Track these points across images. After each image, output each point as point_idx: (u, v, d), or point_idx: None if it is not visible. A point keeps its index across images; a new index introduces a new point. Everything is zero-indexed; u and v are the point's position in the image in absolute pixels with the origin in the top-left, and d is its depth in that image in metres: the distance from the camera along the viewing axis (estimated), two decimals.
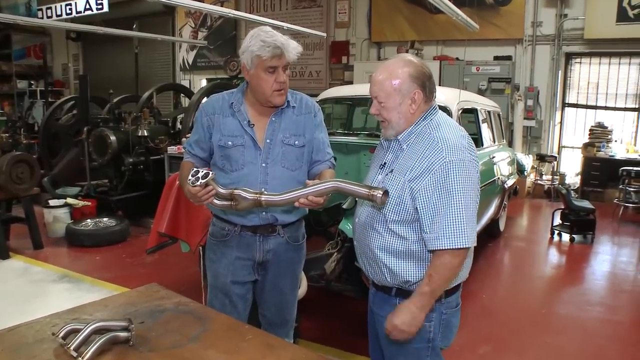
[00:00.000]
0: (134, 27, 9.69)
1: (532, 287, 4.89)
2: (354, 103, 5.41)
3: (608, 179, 8.05)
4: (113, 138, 6.36)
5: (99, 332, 1.61)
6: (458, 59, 9.07)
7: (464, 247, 1.75)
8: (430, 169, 1.76)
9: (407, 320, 1.78)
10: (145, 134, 6.49)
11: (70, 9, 6.94)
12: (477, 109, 5.08)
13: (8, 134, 8.32)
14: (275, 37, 2.08)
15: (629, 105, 8.64)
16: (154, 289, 2.15)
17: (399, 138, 1.88)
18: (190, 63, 12.51)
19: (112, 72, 12.76)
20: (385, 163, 1.94)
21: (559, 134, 9.26)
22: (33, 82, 13.38)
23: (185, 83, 11.95)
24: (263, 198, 1.97)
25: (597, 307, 4.34)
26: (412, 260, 1.84)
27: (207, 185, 2.00)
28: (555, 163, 8.82)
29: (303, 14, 10.84)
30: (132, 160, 6.41)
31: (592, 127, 8.70)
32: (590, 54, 8.72)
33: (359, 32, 10.43)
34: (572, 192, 7.12)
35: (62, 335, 1.61)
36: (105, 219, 6.11)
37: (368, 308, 2.10)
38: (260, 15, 9.61)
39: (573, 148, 9.20)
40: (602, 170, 8.17)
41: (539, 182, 8.92)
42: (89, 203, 6.38)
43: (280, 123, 2.23)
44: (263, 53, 2.05)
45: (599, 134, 8.53)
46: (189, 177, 2.00)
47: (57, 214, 6.04)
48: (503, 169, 5.58)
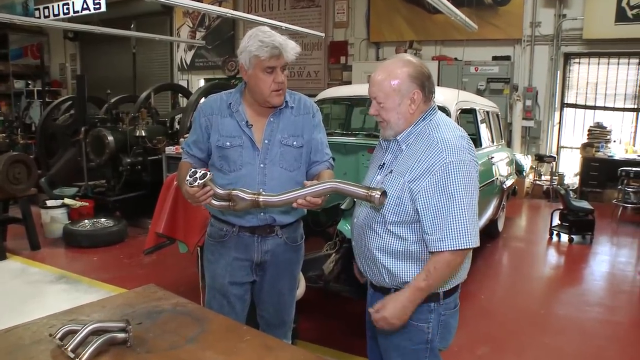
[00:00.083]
0: (132, 26, 9.70)
1: (530, 287, 4.89)
2: (353, 103, 5.40)
3: (607, 180, 8.05)
4: (110, 138, 6.34)
5: (97, 333, 1.60)
6: (457, 59, 9.08)
7: (467, 247, 1.74)
8: (430, 170, 1.75)
9: (397, 313, 1.77)
10: (143, 134, 6.49)
11: (68, 9, 6.93)
12: (475, 109, 5.08)
13: (5, 134, 8.33)
14: (274, 37, 2.07)
15: (628, 106, 8.65)
16: (152, 290, 2.14)
17: (398, 138, 1.88)
18: (188, 63, 12.51)
19: (109, 72, 12.75)
20: (385, 163, 1.93)
21: (558, 134, 9.27)
22: (30, 82, 13.36)
23: (183, 83, 11.95)
24: (261, 199, 1.96)
25: (596, 307, 4.34)
26: (410, 261, 1.83)
27: (205, 186, 1.99)
28: (554, 163, 8.83)
29: (301, 14, 10.84)
30: (129, 161, 6.39)
31: (590, 127, 8.70)
32: (589, 54, 8.73)
33: (358, 32, 10.43)
34: (571, 192, 7.13)
35: (59, 337, 1.61)
36: (103, 220, 6.10)
37: (366, 309, 2.09)
38: (259, 15, 9.60)
39: (572, 148, 9.21)
40: (600, 171, 8.17)
41: (538, 182, 8.93)
42: (87, 203, 6.37)
43: (279, 123, 2.22)
44: (261, 53, 2.04)
45: (598, 134, 8.53)
46: (187, 177, 2.00)
47: (54, 215, 6.02)
48: (502, 170, 5.58)
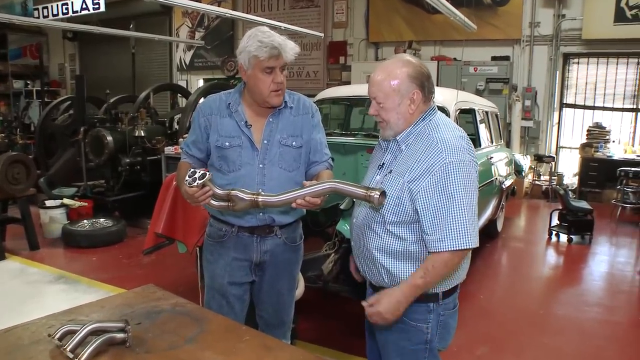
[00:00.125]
0: (131, 27, 9.69)
1: (529, 287, 4.89)
2: (352, 103, 5.40)
3: (606, 180, 8.05)
4: (110, 138, 6.34)
5: (96, 333, 1.60)
6: (456, 60, 9.08)
7: (467, 248, 1.74)
8: (430, 170, 1.75)
9: (391, 309, 1.77)
10: (142, 135, 6.48)
11: (67, 9, 6.92)
12: (474, 110, 5.08)
13: (4, 134, 8.31)
14: (273, 37, 2.07)
15: (627, 106, 8.65)
16: (151, 290, 2.14)
17: (398, 139, 1.88)
18: (188, 63, 12.50)
19: (108, 72, 12.75)
20: (384, 164, 1.93)
21: (557, 135, 9.27)
22: (29, 82, 13.36)
23: (182, 83, 11.93)
24: (260, 199, 1.96)
25: (595, 307, 4.35)
26: (410, 262, 1.83)
27: (204, 186, 1.99)
28: (553, 163, 8.83)
29: (300, 14, 10.83)
30: (128, 161, 6.38)
31: (589, 127, 8.71)
32: (588, 55, 8.73)
33: (357, 32, 10.43)
34: (570, 192, 7.14)
35: (58, 337, 1.60)
36: (102, 220, 6.09)
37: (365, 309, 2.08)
38: (258, 15, 9.61)
39: (571, 148, 9.21)
40: (599, 171, 8.17)
41: (537, 182, 8.93)
42: (86, 204, 6.36)
43: (278, 124, 2.22)
44: (260, 53, 2.04)
45: (597, 135, 8.54)
46: (186, 177, 2.00)
47: (53, 215, 6.01)
48: (501, 170, 5.58)
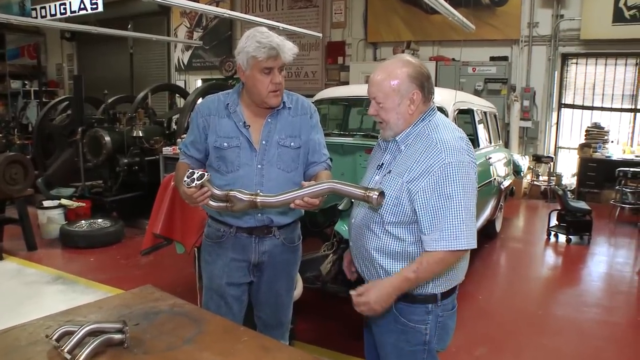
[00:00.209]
0: (129, 27, 9.68)
1: (528, 288, 4.89)
2: (350, 104, 5.40)
3: (604, 180, 8.07)
4: (108, 139, 6.33)
5: (93, 334, 1.60)
6: (454, 60, 9.09)
7: (462, 249, 1.74)
8: (429, 171, 1.74)
9: (380, 300, 1.77)
10: (140, 135, 6.47)
11: (65, 9, 6.92)
12: (473, 110, 5.08)
13: (2, 135, 8.28)
14: (271, 38, 2.06)
15: (625, 106, 8.66)
16: (149, 291, 2.13)
17: (397, 139, 1.87)
18: (186, 63, 12.50)
19: (106, 72, 12.73)
20: (383, 164, 1.92)
21: (556, 135, 9.28)
22: (27, 82, 13.35)
23: (181, 83, 11.94)
24: (259, 199, 1.96)
25: (593, 308, 4.35)
26: (408, 262, 1.82)
27: (202, 187, 1.99)
28: (552, 164, 8.84)
29: (299, 14, 10.83)
30: (126, 161, 6.37)
31: (588, 127, 8.72)
32: (587, 55, 8.74)
33: (355, 32, 10.43)
34: (568, 193, 7.15)
35: (55, 338, 1.60)
36: (100, 220, 6.08)
37: None
38: (256, 16, 9.59)
39: (569, 149, 9.22)
40: (598, 171, 8.18)
41: (536, 183, 8.93)
42: (84, 204, 6.35)
43: (276, 124, 2.21)
44: (259, 54, 2.04)
45: (596, 135, 8.55)
46: (185, 178, 1.99)
47: (51, 215, 6.00)
48: (499, 170, 5.58)
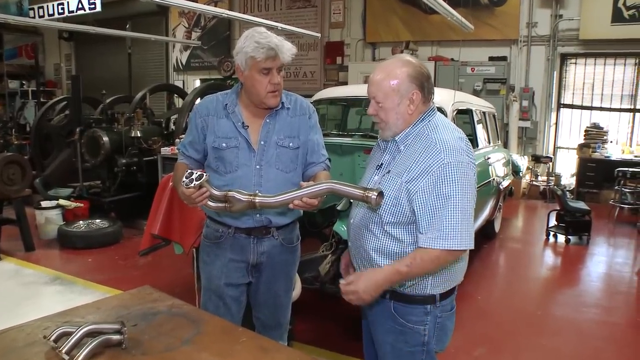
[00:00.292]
0: (127, 27, 9.65)
1: (527, 288, 4.89)
2: (349, 104, 5.39)
3: (603, 180, 8.07)
4: (106, 139, 6.32)
5: (91, 335, 1.59)
6: (453, 60, 9.09)
7: (459, 249, 1.74)
8: (428, 171, 1.74)
9: (369, 289, 1.76)
10: (138, 135, 6.46)
11: (63, 9, 6.90)
12: (472, 110, 5.08)
13: None
14: (270, 38, 2.06)
15: (624, 106, 8.68)
16: (147, 292, 2.13)
17: (397, 139, 1.86)
18: (184, 63, 12.49)
19: (104, 72, 12.71)
20: (382, 164, 1.92)
21: (555, 135, 9.29)
22: (25, 82, 13.34)
23: (179, 83, 11.94)
24: (257, 200, 1.95)
25: (592, 308, 4.35)
26: None
27: (201, 187, 1.98)
28: (551, 164, 8.85)
29: (297, 14, 10.83)
30: (125, 161, 6.37)
31: (587, 128, 8.73)
32: (586, 55, 8.75)
33: (354, 32, 10.43)
34: (567, 193, 7.16)
35: (53, 339, 1.60)
36: (98, 221, 6.07)
37: (362, 311, 2.07)
38: (254, 16, 9.59)
39: (568, 149, 9.22)
40: (597, 171, 8.19)
41: (535, 183, 8.94)
42: (82, 204, 6.33)
43: (275, 125, 2.21)
44: (257, 54, 2.03)
45: (595, 135, 8.56)
46: (183, 178, 1.99)
47: (49, 216, 5.99)
48: (498, 170, 5.58)
